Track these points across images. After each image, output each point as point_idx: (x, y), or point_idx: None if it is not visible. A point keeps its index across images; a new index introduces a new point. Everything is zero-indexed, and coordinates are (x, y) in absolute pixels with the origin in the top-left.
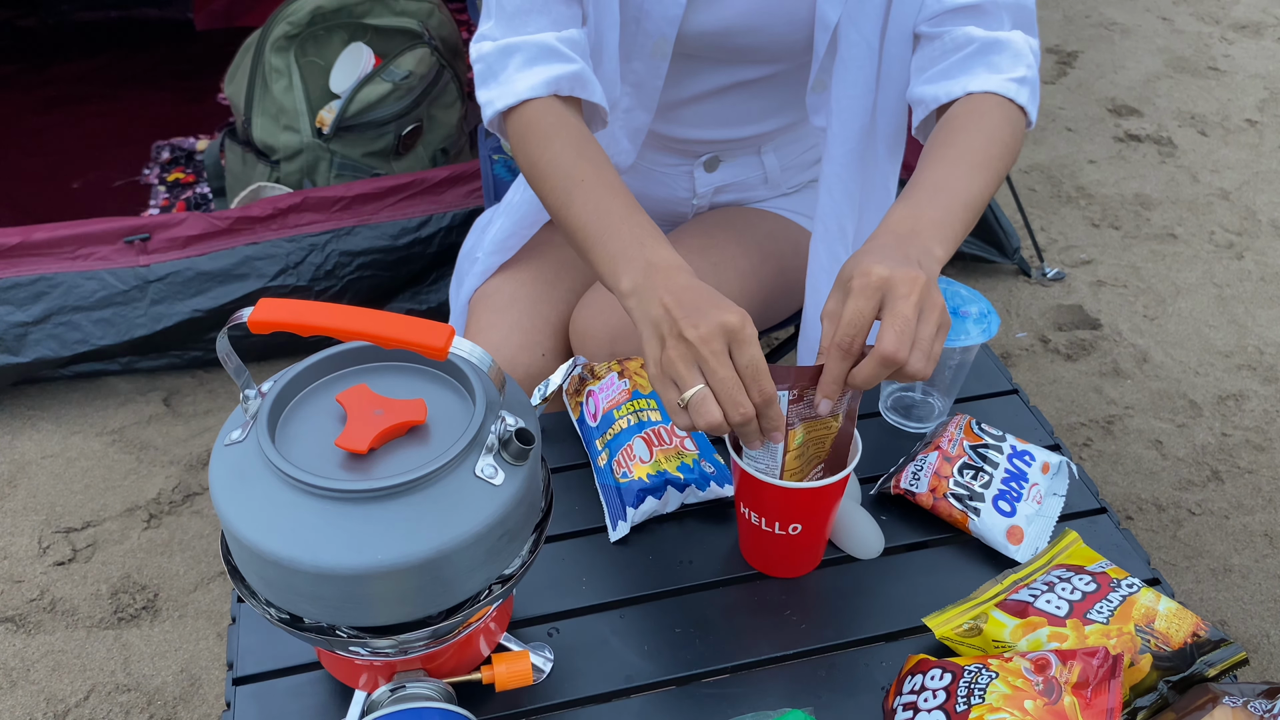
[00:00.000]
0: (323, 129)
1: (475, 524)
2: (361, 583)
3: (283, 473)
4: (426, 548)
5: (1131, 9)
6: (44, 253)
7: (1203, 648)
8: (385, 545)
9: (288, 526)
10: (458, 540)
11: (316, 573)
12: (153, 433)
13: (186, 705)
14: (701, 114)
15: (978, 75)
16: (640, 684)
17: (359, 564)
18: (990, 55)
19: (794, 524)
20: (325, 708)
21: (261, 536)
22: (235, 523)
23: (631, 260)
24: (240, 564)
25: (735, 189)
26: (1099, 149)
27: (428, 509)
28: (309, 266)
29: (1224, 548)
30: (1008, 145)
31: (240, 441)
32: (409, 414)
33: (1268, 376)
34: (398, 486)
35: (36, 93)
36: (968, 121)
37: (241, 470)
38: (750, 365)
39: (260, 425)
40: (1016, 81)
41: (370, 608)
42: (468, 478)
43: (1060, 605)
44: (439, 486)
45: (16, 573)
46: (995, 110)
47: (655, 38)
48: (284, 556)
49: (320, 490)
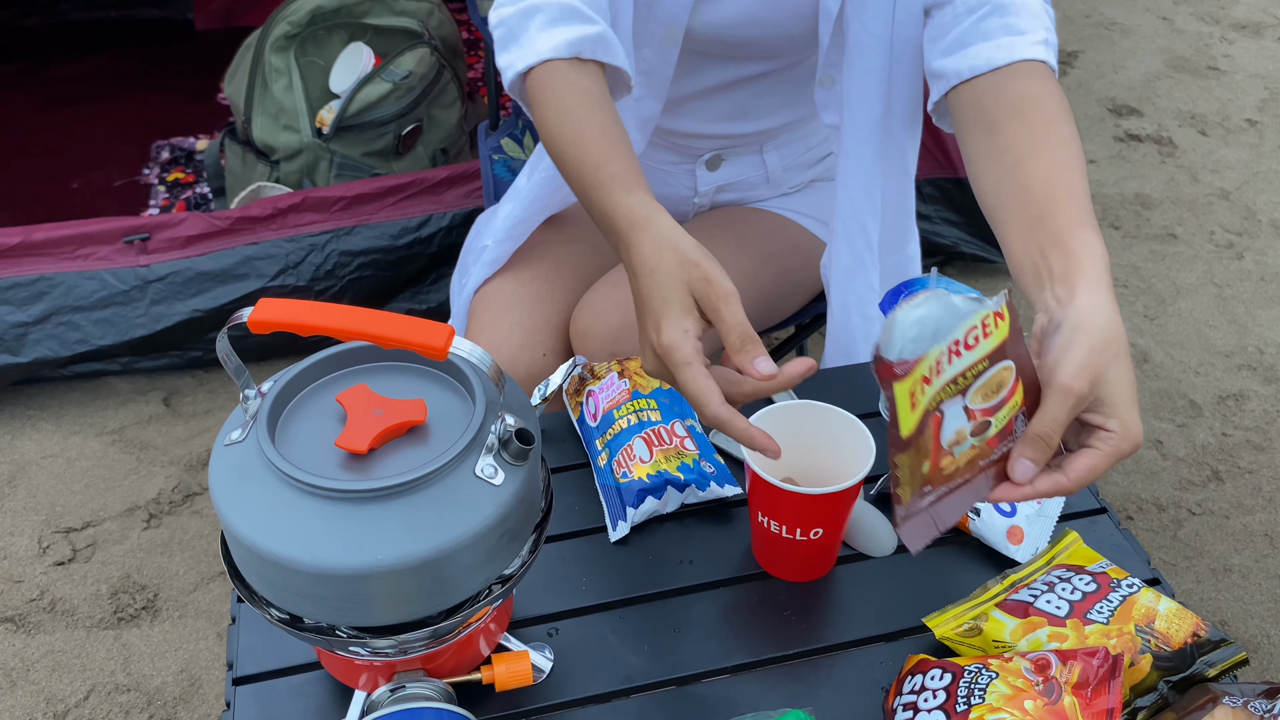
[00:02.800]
0: (323, 129)
1: (475, 524)
2: (362, 582)
3: (282, 473)
4: (427, 547)
5: (1131, 9)
6: (44, 253)
7: (1203, 648)
8: (385, 545)
9: (288, 526)
10: (458, 540)
11: (316, 573)
12: (153, 433)
13: (186, 705)
14: (707, 109)
15: (998, 41)
16: (640, 684)
17: (359, 564)
18: (1007, 16)
19: (815, 529)
20: (325, 708)
21: (261, 536)
22: (235, 523)
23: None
24: (240, 564)
25: (737, 188)
26: (1099, 149)
27: (428, 509)
28: (309, 266)
29: (1224, 548)
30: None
31: (240, 441)
32: (409, 414)
33: (1268, 376)
34: (397, 486)
35: (36, 93)
36: (1046, 118)
37: (241, 470)
38: (687, 391)
39: (260, 425)
40: (1044, 45)
41: (370, 608)
42: (468, 477)
43: (1060, 605)
44: (439, 486)
45: (16, 573)
46: (1049, 84)
47: (667, 25)
48: (284, 556)
49: (320, 490)
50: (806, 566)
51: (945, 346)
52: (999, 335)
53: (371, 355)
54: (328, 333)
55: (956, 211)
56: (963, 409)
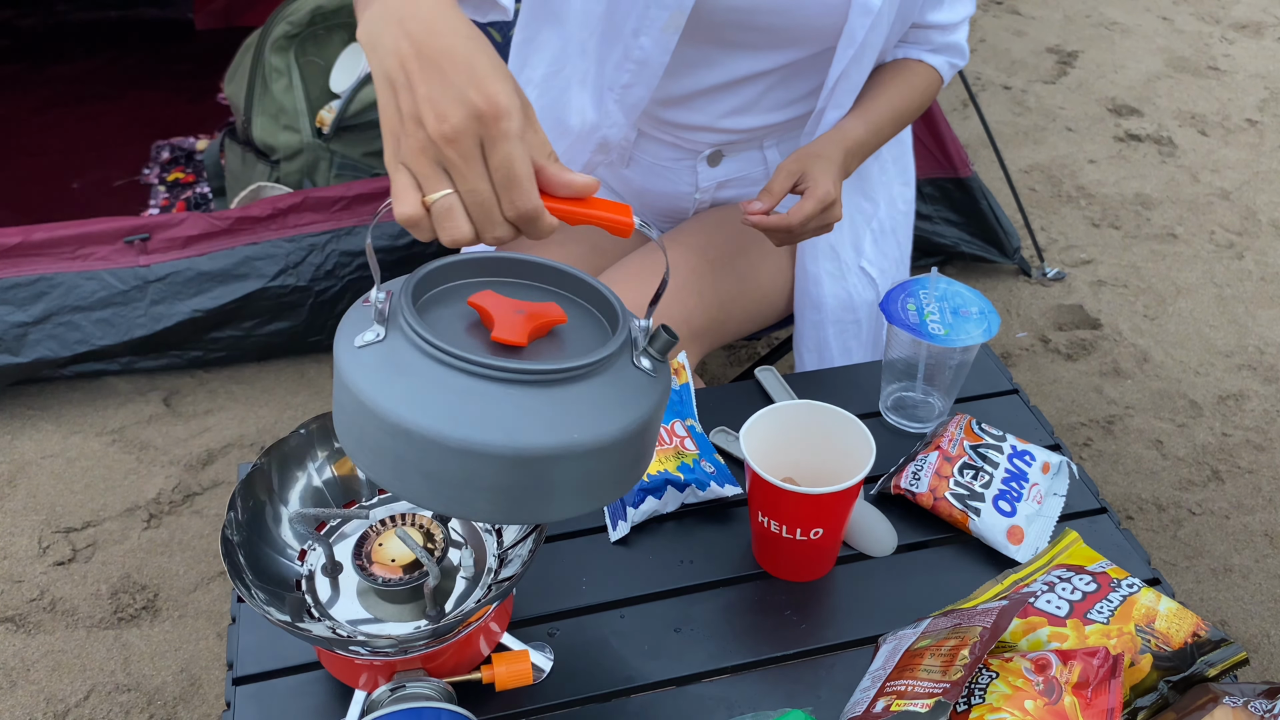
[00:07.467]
0: (323, 129)
1: (646, 409)
2: (554, 465)
3: (464, 361)
4: (615, 428)
5: (1131, 9)
6: (44, 253)
7: (1203, 648)
8: (579, 425)
9: (478, 413)
10: (635, 423)
11: (515, 456)
12: (153, 433)
13: (186, 705)
14: (717, 104)
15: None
16: (640, 684)
17: (556, 443)
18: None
19: (815, 529)
20: (325, 708)
21: (449, 425)
22: (410, 416)
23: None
24: (398, 474)
25: (737, 184)
26: (1099, 149)
27: (607, 393)
28: (309, 266)
29: (1224, 548)
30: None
31: (380, 340)
32: (549, 314)
33: (1268, 376)
34: (581, 368)
35: (36, 93)
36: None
37: (396, 365)
38: (502, 169)
39: (406, 321)
40: (948, 65)
41: (550, 497)
42: (629, 368)
43: (1061, 605)
44: (610, 373)
45: (16, 573)
46: (931, 75)
47: (672, 10)
48: (478, 442)
49: (509, 373)
50: (806, 566)
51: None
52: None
53: (476, 270)
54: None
55: (956, 211)
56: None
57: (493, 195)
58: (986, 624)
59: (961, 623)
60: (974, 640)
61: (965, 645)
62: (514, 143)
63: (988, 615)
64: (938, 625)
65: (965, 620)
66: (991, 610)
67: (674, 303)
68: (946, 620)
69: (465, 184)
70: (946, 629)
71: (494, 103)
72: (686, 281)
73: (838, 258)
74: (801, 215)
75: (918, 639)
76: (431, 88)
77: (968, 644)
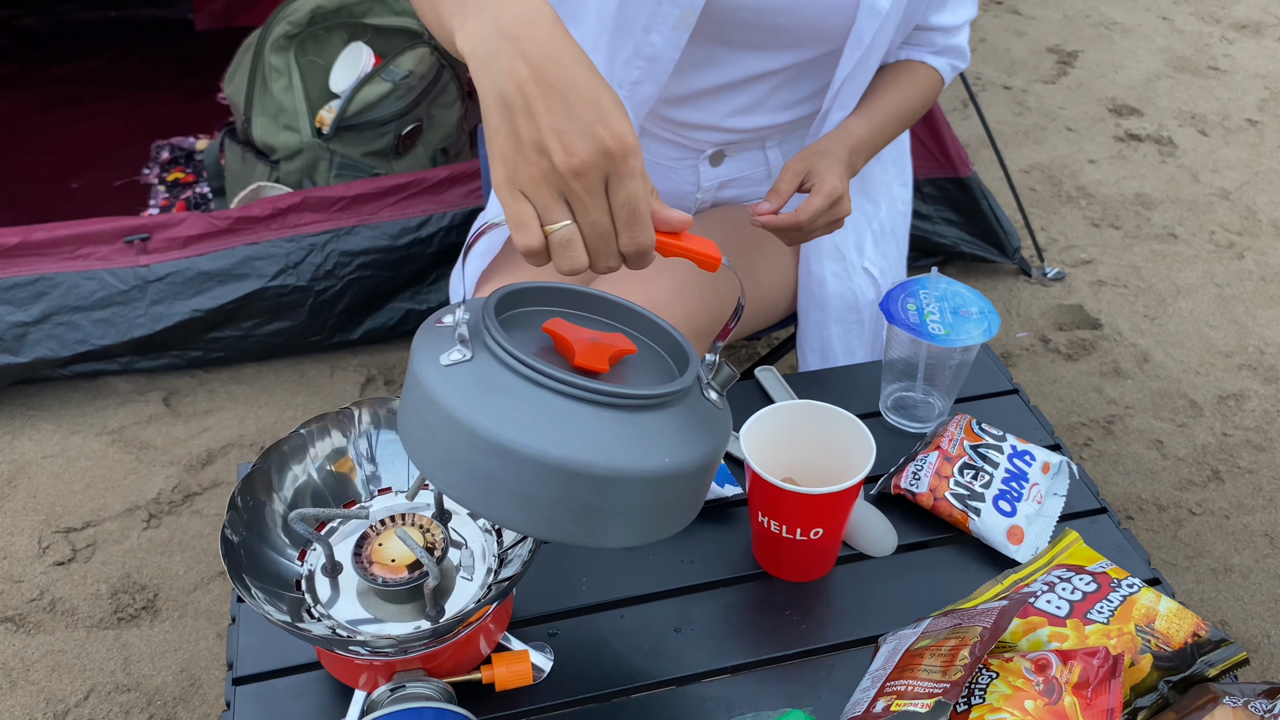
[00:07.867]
0: (322, 129)
1: (721, 438)
2: (644, 488)
3: (561, 383)
4: (698, 454)
5: (1131, 9)
6: (44, 253)
7: (1203, 648)
8: (668, 450)
9: (576, 433)
10: (716, 450)
11: (610, 476)
12: (153, 433)
13: (186, 705)
14: (723, 103)
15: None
16: (640, 684)
17: (648, 466)
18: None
19: (816, 529)
20: (325, 708)
21: (552, 445)
22: (510, 434)
23: (480, 5)
24: (487, 493)
25: (739, 184)
26: (1099, 149)
27: (689, 420)
28: (309, 266)
29: (1224, 548)
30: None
31: (468, 359)
32: (620, 344)
33: (1268, 376)
34: (666, 395)
35: (36, 93)
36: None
37: (489, 385)
38: (627, 207)
39: (494, 342)
40: (949, 67)
41: (629, 521)
42: (700, 399)
43: (1061, 605)
44: (686, 403)
45: (16, 573)
46: (931, 76)
47: (684, 7)
48: (578, 462)
49: (605, 398)
50: (806, 566)
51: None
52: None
53: (536, 299)
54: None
55: (956, 211)
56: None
57: (611, 229)
58: (986, 624)
59: (961, 623)
60: (974, 640)
61: (965, 645)
62: (639, 181)
63: (988, 615)
64: (938, 625)
65: (965, 620)
66: (991, 610)
67: (675, 302)
68: (946, 620)
69: (587, 216)
70: (946, 629)
71: (623, 141)
72: (688, 281)
73: (843, 258)
74: (810, 211)
75: (918, 639)
76: (556, 118)
77: (968, 644)
